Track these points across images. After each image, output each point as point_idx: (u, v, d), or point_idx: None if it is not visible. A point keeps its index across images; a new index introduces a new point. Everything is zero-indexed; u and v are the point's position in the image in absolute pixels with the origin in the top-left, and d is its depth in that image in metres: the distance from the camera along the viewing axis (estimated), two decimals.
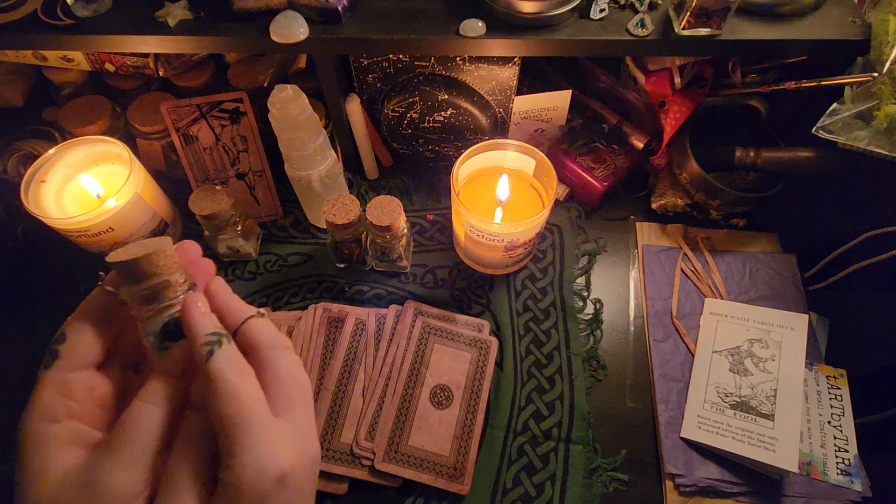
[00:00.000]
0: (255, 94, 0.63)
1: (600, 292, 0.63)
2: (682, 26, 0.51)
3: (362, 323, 0.59)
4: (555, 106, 0.65)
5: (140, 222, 0.58)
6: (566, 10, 0.52)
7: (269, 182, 0.66)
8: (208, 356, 0.24)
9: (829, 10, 0.54)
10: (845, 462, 0.51)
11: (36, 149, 0.64)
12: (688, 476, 0.51)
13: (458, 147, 0.67)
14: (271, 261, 0.65)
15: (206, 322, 0.25)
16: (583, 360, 0.58)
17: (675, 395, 0.55)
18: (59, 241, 0.57)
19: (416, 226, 0.67)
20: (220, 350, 0.24)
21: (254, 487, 0.22)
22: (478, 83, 0.61)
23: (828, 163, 0.57)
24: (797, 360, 0.55)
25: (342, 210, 0.55)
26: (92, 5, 0.53)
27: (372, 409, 0.54)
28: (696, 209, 0.66)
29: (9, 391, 0.57)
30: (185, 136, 0.62)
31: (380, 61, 0.59)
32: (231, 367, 0.24)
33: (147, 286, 0.25)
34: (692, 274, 0.63)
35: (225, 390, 0.23)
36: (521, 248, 0.57)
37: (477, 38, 0.52)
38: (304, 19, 0.52)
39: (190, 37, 0.53)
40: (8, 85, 0.69)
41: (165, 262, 0.26)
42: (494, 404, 0.55)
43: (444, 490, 0.50)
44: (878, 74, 0.48)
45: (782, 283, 0.61)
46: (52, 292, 0.63)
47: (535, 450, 0.53)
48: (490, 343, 0.58)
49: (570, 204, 0.68)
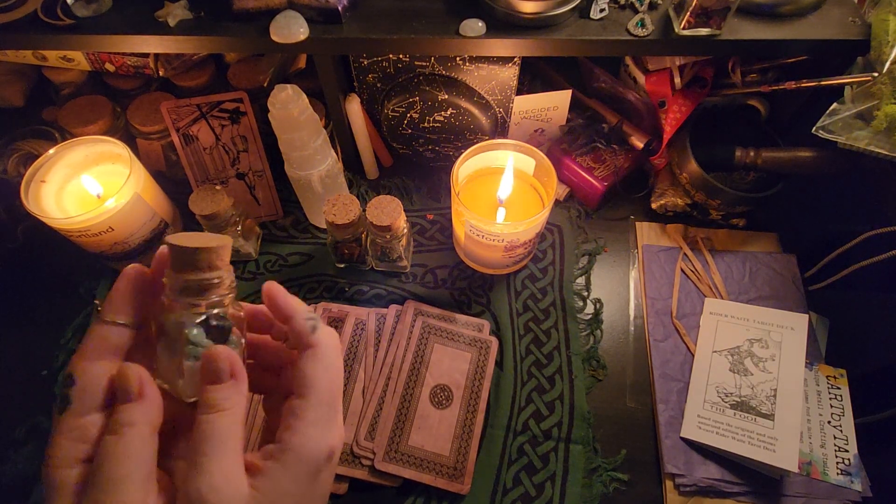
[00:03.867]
0: (255, 94, 0.63)
1: (600, 292, 0.63)
2: (682, 26, 0.51)
3: (362, 323, 0.59)
4: (555, 106, 0.65)
5: (140, 222, 0.58)
6: (566, 10, 0.52)
7: (269, 182, 0.66)
8: (313, 329, 0.27)
9: (829, 10, 0.54)
10: (845, 462, 0.51)
11: (36, 149, 0.64)
12: (688, 476, 0.51)
13: (458, 147, 0.67)
14: (271, 261, 0.65)
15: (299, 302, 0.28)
16: (583, 360, 0.58)
17: (675, 394, 0.55)
18: (59, 241, 0.57)
19: (416, 226, 0.67)
20: (321, 326, 0.28)
21: (313, 456, 0.25)
22: (478, 83, 0.61)
23: (828, 163, 0.57)
24: (797, 360, 0.55)
25: (342, 210, 0.55)
26: (92, 5, 0.53)
27: (372, 409, 0.54)
28: (696, 209, 0.66)
29: (9, 391, 0.57)
30: (185, 136, 0.62)
31: (380, 61, 0.59)
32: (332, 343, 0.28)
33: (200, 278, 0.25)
34: (692, 274, 0.63)
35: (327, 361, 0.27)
36: (521, 248, 0.57)
37: (477, 38, 0.52)
38: (304, 19, 0.52)
39: (190, 37, 0.53)
40: (8, 85, 0.69)
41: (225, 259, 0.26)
42: (494, 404, 0.55)
43: (444, 490, 0.50)
44: (878, 74, 0.48)
45: (782, 283, 0.61)
46: (52, 292, 0.63)
47: (535, 450, 0.53)
48: (490, 343, 0.58)
49: (570, 204, 0.68)
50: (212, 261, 0.25)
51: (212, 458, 0.23)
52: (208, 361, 0.25)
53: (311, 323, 0.27)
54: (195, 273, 0.25)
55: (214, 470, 0.23)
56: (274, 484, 0.24)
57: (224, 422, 0.24)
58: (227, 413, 0.25)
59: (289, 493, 0.25)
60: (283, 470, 0.25)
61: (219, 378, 0.25)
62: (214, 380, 0.25)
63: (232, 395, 0.25)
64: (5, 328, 0.62)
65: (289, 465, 0.25)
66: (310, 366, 0.26)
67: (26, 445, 0.54)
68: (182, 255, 0.25)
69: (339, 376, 0.28)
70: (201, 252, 0.25)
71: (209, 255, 0.25)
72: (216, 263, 0.26)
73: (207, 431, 0.24)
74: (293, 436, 0.25)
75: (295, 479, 0.25)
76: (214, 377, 0.25)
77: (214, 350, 0.25)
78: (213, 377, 0.25)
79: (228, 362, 0.25)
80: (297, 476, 0.25)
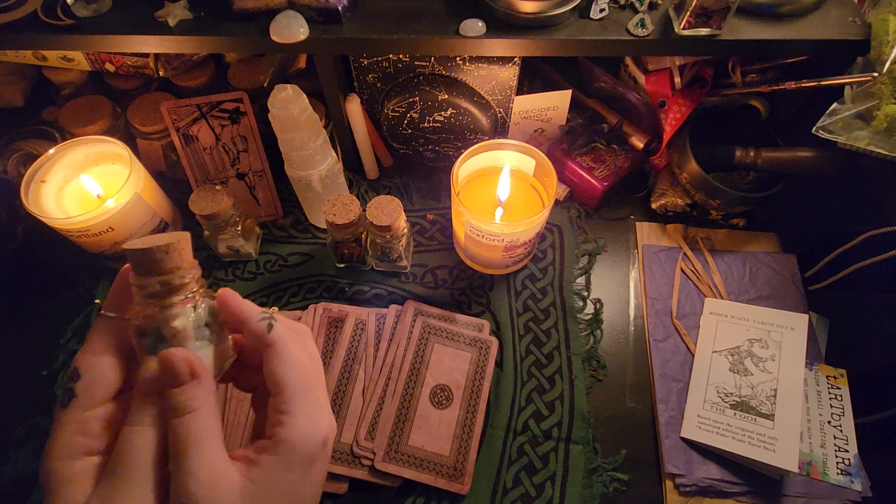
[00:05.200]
0: (255, 94, 0.63)
1: (600, 292, 0.63)
2: (682, 26, 0.51)
3: (362, 323, 0.59)
4: (555, 106, 0.65)
5: (140, 222, 0.58)
6: (566, 10, 0.52)
7: (269, 182, 0.66)
8: (269, 328, 0.27)
9: (829, 10, 0.54)
10: (845, 462, 0.51)
11: (36, 149, 0.64)
12: (688, 476, 0.51)
13: (458, 147, 0.67)
14: (271, 261, 0.65)
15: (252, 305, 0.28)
16: (583, 360, 0.58)
17: (675, 395, 0.55)
18: (59, 241, 0.57)
19: (416, 226, 0.67)
20: (277, 324, 0.27)
21: (307, 447, 0.25)
22: (478, 83, 0.61)
23: (828, 163, 0.57)
24: (797, 360, 0.55)
25: (342, 210, 0.55)
26: (92, 5, 0.53)
27: (372, 409, 0.54)
28: (696, 209, 0.66)
29: (9, 391, 0.57)
30: (185, 136, 0.62)
31: (380, 61, 0.59)
32: (291, 337, 0.28)
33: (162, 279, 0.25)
34: (692, 274, 0.63)
35: (288, 356, 0.27)
36: (521, 248, 0.57)
37: (477, 38, 0.52)
38: (304, 19, 0.52)
39: (190, 37, 0.53)
40: (8, 85, 0.69)
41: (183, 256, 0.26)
42: (494, 404, 0.55)
43: (444, 490, 0.50)
44: (878, 74, 0.48)
45: (782, 283, 0.61)
46: (52, 292, 0.63)
47: (535, 450, 0.53)
48: (490, 343, 0.58)
49: (570, 204, 0.68)
50: (171, 260, 0.25)
51: (192, 459, 0.23)
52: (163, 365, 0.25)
53: (264, 323, 0.27)
54: (157, 275, 0.25)
55: (198, 469, 0.23)
56: (269, 475, 0.24)
57: (195, 422, 0.24)
58: (197, 413, 0.24)
59: (284, 483, 0.25)
60: (277, 461, 0.25)
61: (178, 380, 0.25)
62: (174, 382, 0.25)
63: (198, 394, 0.25)
64: (5, 328, 0.61)
65: (283, 455, 0.25)
66: (273, 364, 0.27)
67: (26, 445, 0.54)
68: (140, 258, 0.25)
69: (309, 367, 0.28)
70: (156, 252, 0.24)
71: (165, 253, 0.25)
72: (176, 262, 0.25)
73: (182, 434, 0.24)
74: (283, 429, 0.25)
75: (290, 469, 0.25)
76: (173, 380, 0.25)
77: (168, 353, 0.25)
78: (172, 380, 0.25)
79: (186, 363, 0.25)
80: (291, 466, 0.25)
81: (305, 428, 0.26)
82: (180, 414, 0.24)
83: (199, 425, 0.24)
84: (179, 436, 0.24)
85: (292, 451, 0.25)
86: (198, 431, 0.24)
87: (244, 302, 0.28)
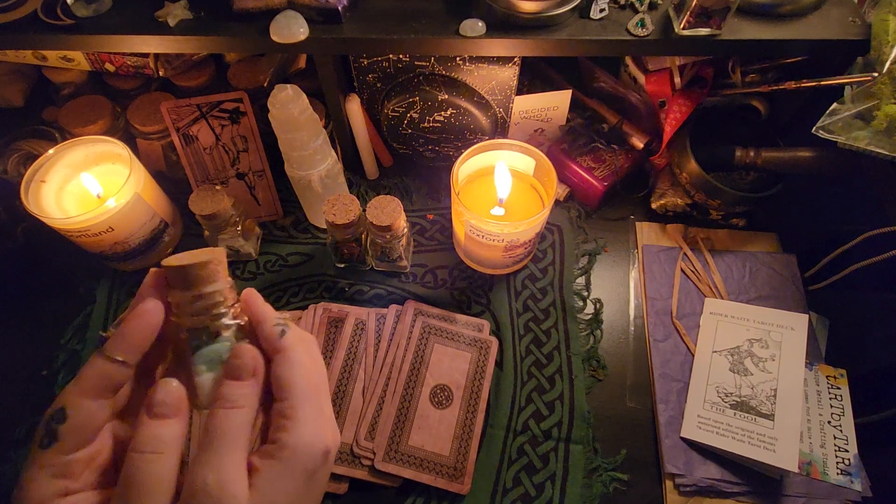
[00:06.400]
0: (255, 94, 0.63)
1: (600, 292, 0.63)
2: (682, 26, 0.51)
3: (362, 323, 0.59)
4: (555, 106, 0.65)
5: (140, 222, 0.58)
6: (566, 10, 0.52)
7: (269, 182, 0.66)
8: (282, 334, 0.27)
9: (829, 10, 0.54)
10: (845, 462, 0.51)
11: (36, 149, 0.64)
12: (688, 476, 0.51)
13: (458, 147, 0.67)
14: (271, 261, 0.65)
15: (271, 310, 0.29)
16: (583, 360, 0.58)
17: (675, 394, 0.55)
18: (59, 241, 0.57)
19: (416, 226, 0.67)
20: (290, 331, 0.28)
21: (309, 454, 0.25)
22: (478, 83, 0.61)
23: (828, 163, 0.57)
24: (797, 360, 0.55)
25: (342, 210, 0.55)
26: (92, 5, 0.53)
27: (372, 409, 0.54)
28: (696, 209, 0.66)
29: (9, 391, 0.57)
30: (185, 136, 0.62)
31: (380, 61, 0.59)
32: (302, 344, 0.28)
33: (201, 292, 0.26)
34: (692, 274, 0.63)
35: (296, 362, 0.27)
36: (521, 248, 0.57)
37: (477, 38, 0.52)
38: (304, 19, 0.52)
39: (190, 37, 0.53)
40: (8, 85, 0.69)
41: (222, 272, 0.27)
42: (494, 404, 0.55)
43: (444, 490, 0.50)
44: (878, 74, 0.48)
45: (782, 283, 0.61)
46: (52, 292, 0.63)
47: (535, 450, 0.53)
48: (490, 343, 0.58)
49: (570, 204, 0.68)
50: (209, 275, 0.26)
51: (222, 454, 0.23)
52: (235, 356, 0.26)
53: (278, 328, 0.28)
54: (195, 289, 0.26)
55: (223, 465, 0.23)
56: (271, 483, 0.24)
57: (238, 419, 0.25)
58: (243, 411, 0.25)
59: (285, 491, 0.25)
60: (279, 468, 0.25)
61: (241, 374, 0.26)
62: (237, 376, 0.26)
63: (249, 394, 0.25)
64: (5, 328, 0.61)
65: (285, 462, 0.25)
66: (281, 369, 0.27)
67: (26, 445, 0.54)
68: (179, 274, 0.26)
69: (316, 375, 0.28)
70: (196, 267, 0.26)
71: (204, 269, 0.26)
72: (214, 277, 0.26)
73: (222, 426, 0.24)
74: (287, 434, 0.25)
75: (291, 476, 0.25)
76: (238, 373, 0.26)
77: (243, 347, 0.26)
78: (236, 373, 0.26)
79: (254, 361, 0.26)
80: (293, 474, 0.25)
81: (307, 434, 0.26)
82: (227, 406, 0.25)
83: (239, 424, 0.25)
84: (216, 427, 0.24)
85: (294, 458, 0.25)
86: (236, 428, 0.24)
87: (264, 305, 0.29)
